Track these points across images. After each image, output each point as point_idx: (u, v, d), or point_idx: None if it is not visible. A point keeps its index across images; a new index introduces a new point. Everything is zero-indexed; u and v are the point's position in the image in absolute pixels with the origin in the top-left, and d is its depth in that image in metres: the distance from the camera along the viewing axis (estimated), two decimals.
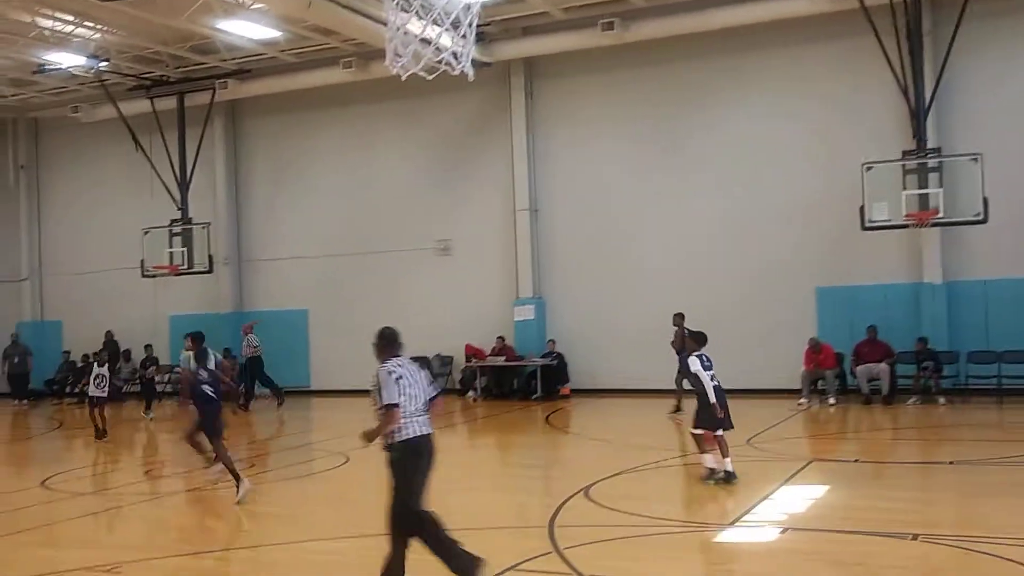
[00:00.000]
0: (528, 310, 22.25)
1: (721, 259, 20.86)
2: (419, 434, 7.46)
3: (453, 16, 11.59)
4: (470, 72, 12.57)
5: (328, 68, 22.68)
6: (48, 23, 19.98)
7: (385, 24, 17.69)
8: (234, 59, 22.98)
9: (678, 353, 16.29)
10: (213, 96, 23.75)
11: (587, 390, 21.45)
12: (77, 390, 25.69)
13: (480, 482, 12.86)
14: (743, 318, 20.31)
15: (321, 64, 22.83)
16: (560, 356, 21.73)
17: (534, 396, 21.39)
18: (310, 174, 24.92)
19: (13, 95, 25.89)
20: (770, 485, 11.01)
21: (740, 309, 20.42)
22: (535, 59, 22.22)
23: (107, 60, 22.10)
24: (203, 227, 23.34)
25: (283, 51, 22.45)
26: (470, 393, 22.15)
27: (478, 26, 12.75)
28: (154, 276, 23.80)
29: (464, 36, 11.56)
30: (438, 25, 11.65)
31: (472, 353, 22.37)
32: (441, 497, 11.40)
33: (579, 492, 11.01)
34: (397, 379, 7.25)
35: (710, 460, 11.16)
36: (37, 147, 28.41)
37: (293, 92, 23.89)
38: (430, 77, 12.46)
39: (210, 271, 23.43)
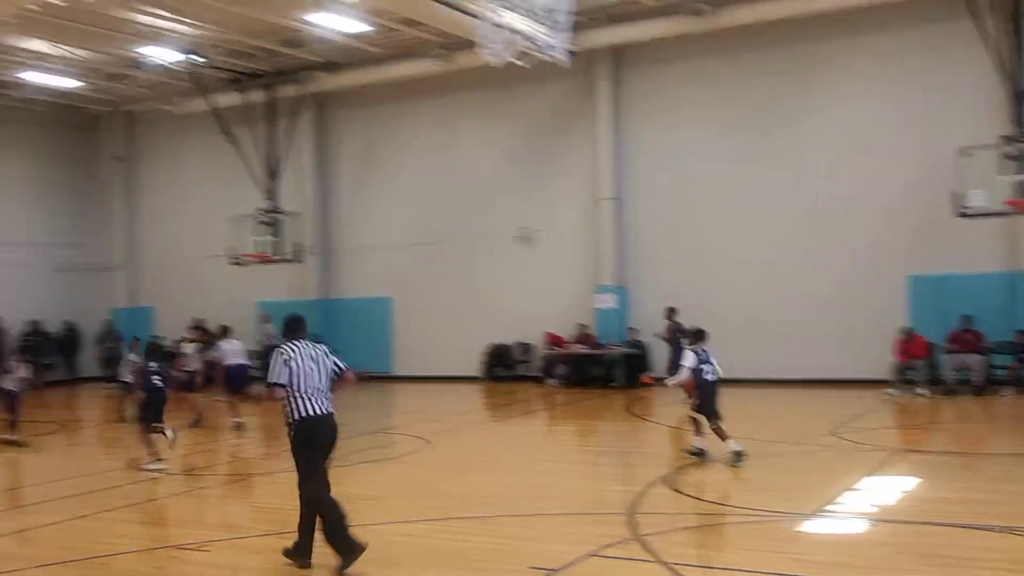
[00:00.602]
0: (609, 298, 22.17)
1: (809, 248, 20.47)
2: (313, 413, 7.75)
3: (547, 3, 11.61)
4: (565, 59, 12.58)
5: (415, 59, 22.90)
6: (145, 19, 20.54)
7: (474, 15, 17.93)
8: (323, 52, 23.33)
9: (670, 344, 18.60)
10: (302, 88, 24.18)
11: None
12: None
13: (558, 467, 12.87)
14: (832, 307, 19.95)
15: (408, 56, 23.05)
16: (641, 344, 21.61)
17: (614, 384, 21.31)
18: (395, 164, 25.21)
19: (111, 89, 26.73)
20: (856, 475, 10.79)
21: (829, 298, 20.05)
22: (622, 47, 22.07)
23: (200, 54, 22.64)
24: (291, 216, 23.78)
25: (371, 43, 22.70)
26: (550, 380, 22.17)
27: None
28: (243, 264, 24.35)
29: (558, 23, 11.56)
30: (532, 14, 11.68)
31: (552, 341, 22.38)
32: (520, 481, 11.53)
33: (659, 480, 10.95)
34: (286, 360, 7.71)
35: (699, 441, 12.16)
36: (132, 140, 29.29)
37: (380, 83, 24.19)
38: (524, 65, 12.49)
39: (297, 260, 23.88)
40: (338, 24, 21.11)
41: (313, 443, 7.84)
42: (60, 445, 16.72)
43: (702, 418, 12.13)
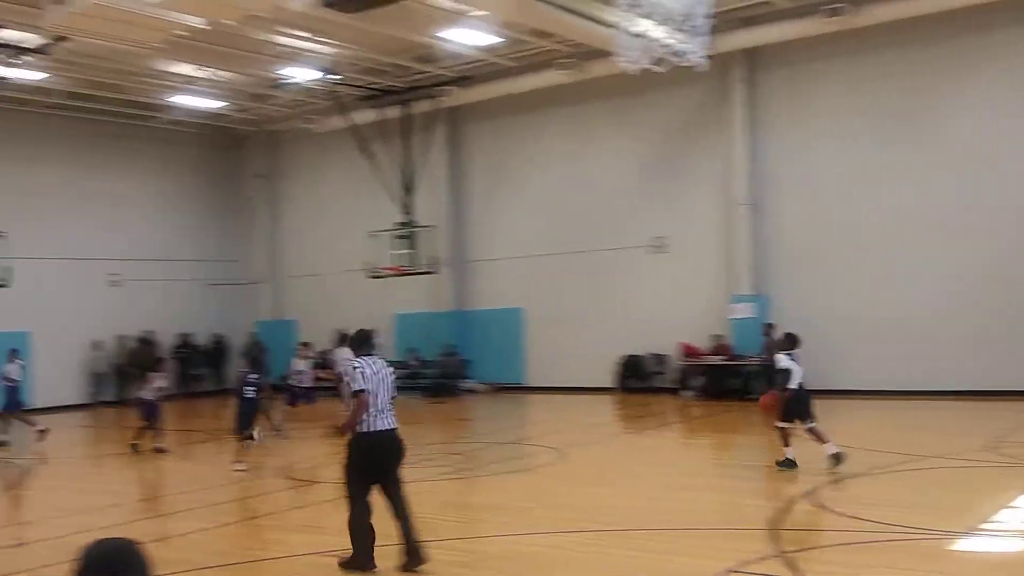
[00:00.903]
0: (746, 307, 21.70)
1: (956, 252, 19.59)
2: (374, 429, 8.05)
3: (684, 8, 11.50)
4: (703, 63, 12.47)
5: (545, 70, 23.01)
6: (284, 40, 21.29)
7: (604, 24, 17.90)
8: (455, 67, 23.70)
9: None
10: (436, 103, 24.61)
11: (811, 391, 20.55)
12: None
13: (696, 481, 12.63)
14: (981, 314, 19.05)
15: (538, 67, 23.19)
16: None
17: (752, 396, 20.80)
18: (526, 175, 25.36)
19: (254, 110, 27.80)
20: (1013, 493, 10.22)
21: (978, 304, 19.14)
22: (756, 49, 21.65)
23: (338, 73, 23.31)
24: (426, 229, 24.19)
25: (502, 56, 22.93)
26: (685, 392, 21.83)
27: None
28: (380, 277, 24.88)
29: (696, 27, 11.43)
30: (669, 19, 11.59)
31: (688, 351, 22.05)
32: (656, 494, 11.37)
33: (802, 495, 10.61)
34: (360, 371, 8.02)
35: (789, 452, 12.32)
36: (275, 158, 30.37)
37: (511, 96, 24.39)
38: (660, 70, 12.42)
39: (432, 272, 24.26)
40: (470, 38, 21.40)
41: (370, 456, 8.12)
42: (207, 453, 17.39)
43: (790, 427, 12.23)
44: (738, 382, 21.49)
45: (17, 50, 19.51)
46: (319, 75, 23.11)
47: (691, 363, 21.91)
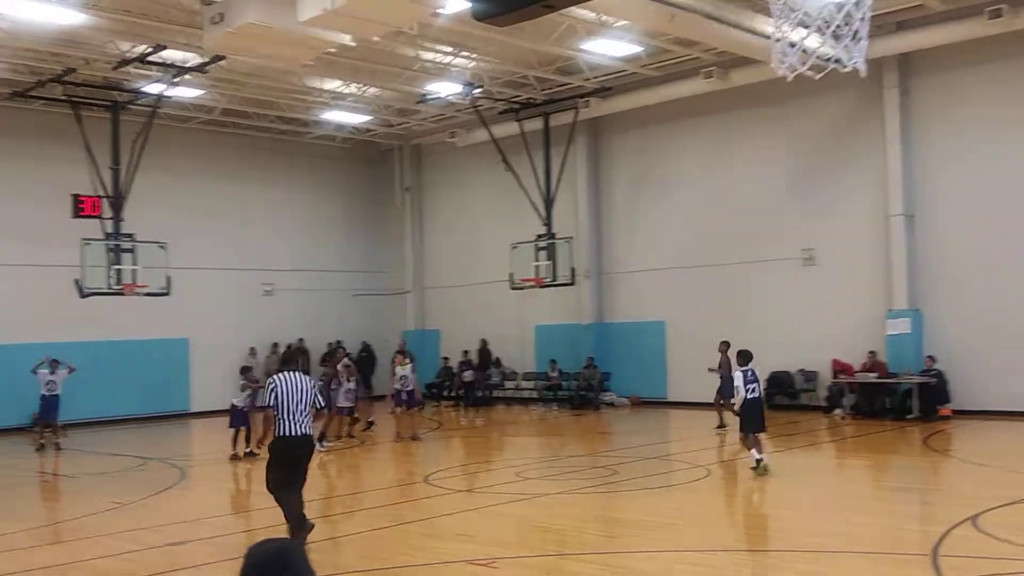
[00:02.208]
0: (903, 323, 20.76)
1: None
2: (286, 434, 9.62)
3: (843, 12, 11.12)
4: (863, 68, 12.06)
5: (688, 80, 22.72)
6: (429, 55, 21.70)
7: (751, 31, 17.52)
8: (596, 78, 23.64)
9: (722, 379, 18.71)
10: (576, 115, 24.59)
11: (971, 411, 19.62)
12: (454, 393, 27.67)
13: (850, 503, 12.12)
14: None
15: (681, 76, 22.91)
16: (940, 373, 20.05)
17: (909, 416, 19.92)
18: (668, 186, 25.04)
19: (399, 124, 28.44)
20: None
21: None
22: (909, 55, 20.79)
23: (480, 86, 23.60)
24: (566, 241, 24.17)
25: (644, 66, 22.76)
26: (837, 411, 21.03)
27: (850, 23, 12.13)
28: (521, 288, 24.98)
29: (856, 32, 11.04)
30: (826, 24, 11.24)
31: (840, 368, 21.27)
32: (809, 516, 10.97)
33: (966, 520, 10.04)
34: (272, 390, 9.66)
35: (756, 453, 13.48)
36: (419, 171, 30.95)
37: (653, 106, 24.16)
38: (815, 76, 12.08)
39: (572, 283, 24.20)
40: (612, 49, 21.31)
41: (281, 458, 9.72)
42: (357, 459, 17.74)
43: (753, 436, 13.61)
44: (893, 400, 20.59)
45: (179, 69, 20.49)
46: (462, 89, 23.43)
47: (843, 380, 21.10)
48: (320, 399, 10.21)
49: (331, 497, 13.85)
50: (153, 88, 21.75)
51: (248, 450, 16.99)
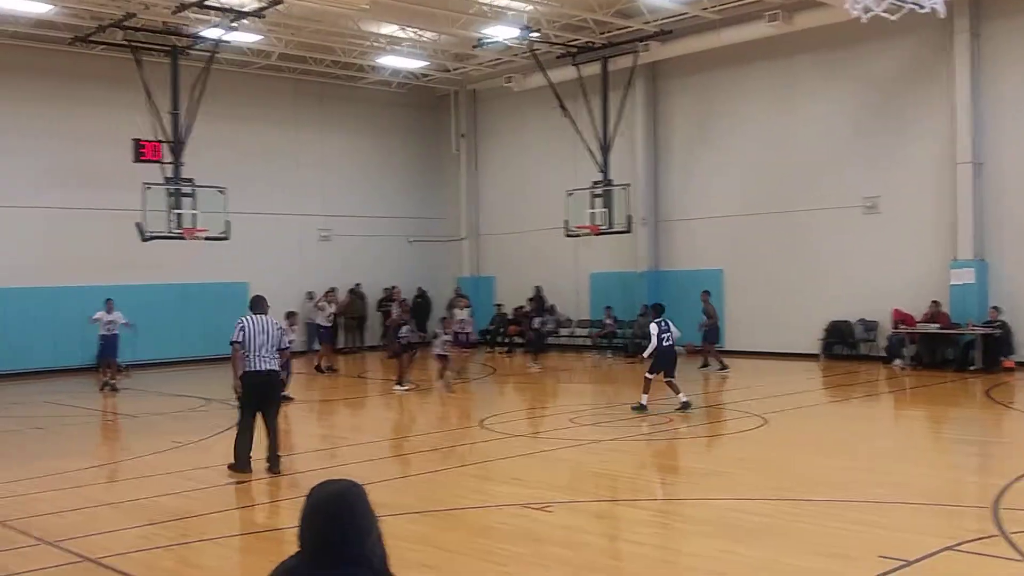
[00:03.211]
0: (967, 273, 20.28)
1: None
2: (253, 369, 10.72)
3: None
4: (941, 9, 11.69)
5: (751, 23, 22.19)
6: None
7: None
8: (656, 21, 23.17)
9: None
10: (635, 59, 24.17)
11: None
12: (507, 340, 27.75)
13: (908, 454, 11.99)
14: None
15: (744, 19, 22.36)
16: (1005, 325, 19.60)
17: (971, 368, 19.54)
18: (728, 132, 24.60)
19: (455, 69, 28.23)
20: None
21: None
22: None
23: (538, 30, 23.26)
24: (623, 188, 23.92)
25: (705, 9, 22.25)
26: (897, 361, 20.69)
27: None
28: (576, 236, 24.83)
29: None
30: None
31: (900, 319, 20.88)
32: (866, 466, 10.84)
33: None
34: (241, 328, 10.77)
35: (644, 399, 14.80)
36: (475, 117, 30.76)
37: (713, 50, 23.65)
38: (894, 18, 11.73)
39: (628, 231, 23.99)
40: None
41: (248, 390, 10.77)
42: (411, 403, 17.91)
43: (655, 379, 14.84)
44: (955, 352, 20.21)
45: (236, 14, 20.48)
46: (519, 33, 23.12)
47: (904, 331, 20.72)
48: (285, 340, 11.16)
49: (386, 439, 14.02)
50: (211, 33, 21.80)
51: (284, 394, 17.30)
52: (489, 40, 24.08)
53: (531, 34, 23.22)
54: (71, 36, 22.32)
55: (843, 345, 22.20)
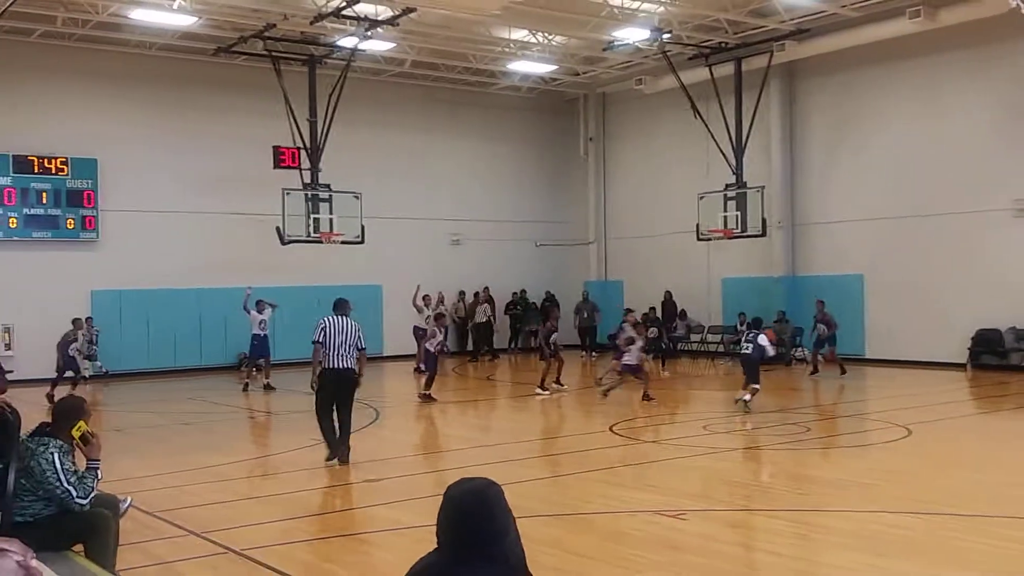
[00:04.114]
0: None
1: None
2: (331, 366, 11.49)
3: None
4: None
5: (892, 20, 21.42)
6: (617, 1, 21.29)
7: None
8: (792, 19, 22.59)
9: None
10: (770, 59, 23.63)
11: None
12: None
13: None
14: None
15: (884, 16, 21.59)
16: None
17: None
18: (869, 132, 23.76)
19: (585, 73, 28.17)
20: None
21: None
22: None
23: (669, 31, 22.99)
24: (757, 191, 23.40)
25: (844, 6, 21.58)
26: None
27: None
28: (709, 239, 24.42)
29: None
30: None
31: None
32: (1017, 482, 10.26)
33: None
34: (321, 328, 11.55)
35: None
36: (604, 119, 30.63)
37: (852, 49, 22.91)
38: None
39: (763, 234, 23.45)
40: None
41: (322, 385, 11.54)
42: (542, 406, 17.88)
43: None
44: None
45: (371, 22, 20.95)
46: (649, 34, 22.90)
47: None
48: (363, 341, 11.69)
49: (514, 442, 14.05)
50: (347, 42, 22.38)
51: (425, 393, 17.53)
52: (619, 43, 23.94)
53: (662, 35, 22.96)
54: (214, 47, 23.27)
55: (992, 354, 21.14)
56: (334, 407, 11.55)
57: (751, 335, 16.07)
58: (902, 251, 22.84)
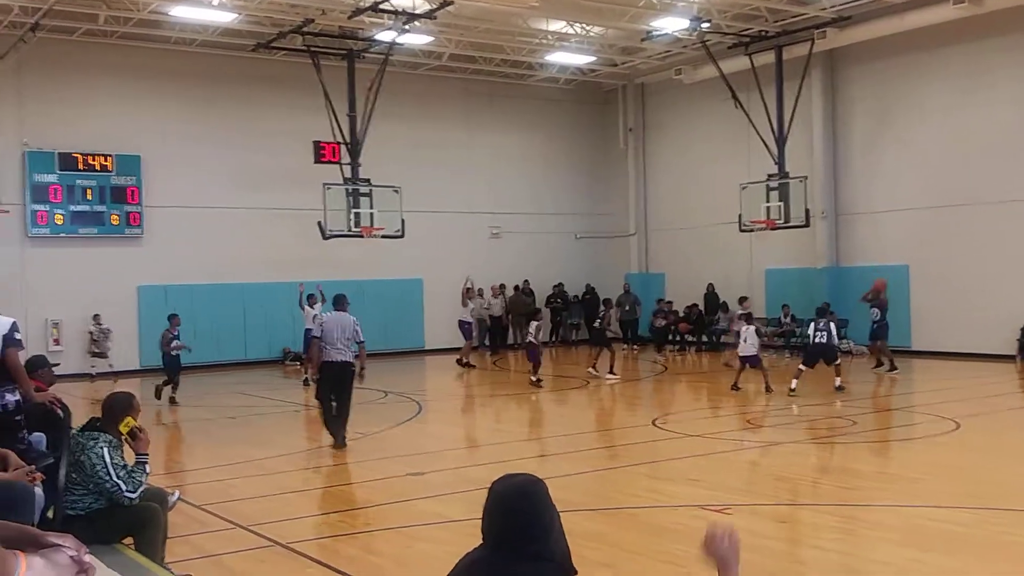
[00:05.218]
0: None
1: None
2: (329, 360, 12.22)
3: None
4: None
5: (936, 6, 21.06)
6: None
7: None
8: (834, 7, 22.29)
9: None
10: (811, 47, 23.33)
11: None
12: (677, 338, 27.34)
13: None
14: None
15: (928, 2, 21.24)
16: None
17: None
18: (913, 120, 23.39)
19: (623, 63, 28.01)
20: None
21: None
22: None
23: (708, 20, 22.78)
24: (800, 181, 23.13)
25: None
26: None
27: None
28: (751, 230, 24.20)
29: None
30: None
31: None
32: None
33: None
34: (321, 324, 12.47)
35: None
36: (643, 111, 30.43)
37: (895, 35, 22.55)
38: None
39: (806, 225, 23.19)
40: None
41: (324, 377, 12.37)
42: (584, 399, 17.87)
43: (805, 370, 16.50)
44: None
45: (408, 16, 20.97)
46: (688, 24, 22.70)
47: None
48: (361, 334, 12.32)
49: (559, 436, 14.04)
50: (385, 36, 22.43)
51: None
52: (658, 32, 23.74)
53: (701, 25, 22.75)
54: (254, 43, 23.42)
55: None
56: (332, 397, 12.40)
57: (822, 324, 16.52)
58: (948, 241, 22.47)
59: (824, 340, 16.42)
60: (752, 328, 17.27)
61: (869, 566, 7.26)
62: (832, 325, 16.79)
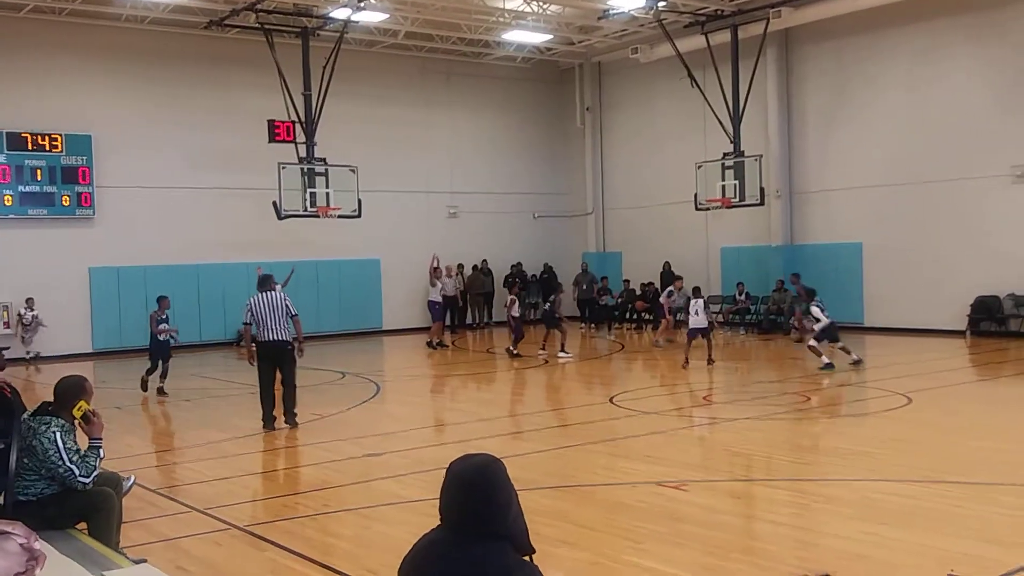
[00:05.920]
0: None
1: None
2: (265, 340, 12.36)
3: None
4: None
5: None
6: None
7: None
8: None
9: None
10: (767, 26, 23.46)
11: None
12: (634, 316, 27.47)
13: None
14: None
15: None
16: None
17: None
18: (867, 99, 23.64)
19: (580, 42, 27.99)
20: None
21: None
22: None
23: None
24: (755, 159, 23.31)
25: None
26: None
27: None
28: (707, 209, 24.36)
29: None
30: None
31: None
32: (1019, 450, 10.31)
33: None
34: (248, 309, 12.43)
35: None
36: (600, 89, 30.45)
37: (850, 14, 22.76)
38: None
39: (761, 204, 23.39)
40: None
41: (260, 356, 12.41)
42: (543, 378, 17.94)
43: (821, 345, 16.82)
44: None
45: None
46: (645, 2, 22.70)
47: None
48: (293, 308, 12.40)
49: (516, 415, 14.08)
50: (340, 13, 22.18)
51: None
52: (614, 11, 23.75)
53: (658, 3, 22.76)
54: (206, 20, 23.06)
55: (991, 321, 21.18)
56: (274, 379, 12.38)
57: (818, 301, 17.16)
58: (900, 219, 22.81)
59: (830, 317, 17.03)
60: (701, 301, 18.15)
61: (824, 540, 7.36)
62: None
